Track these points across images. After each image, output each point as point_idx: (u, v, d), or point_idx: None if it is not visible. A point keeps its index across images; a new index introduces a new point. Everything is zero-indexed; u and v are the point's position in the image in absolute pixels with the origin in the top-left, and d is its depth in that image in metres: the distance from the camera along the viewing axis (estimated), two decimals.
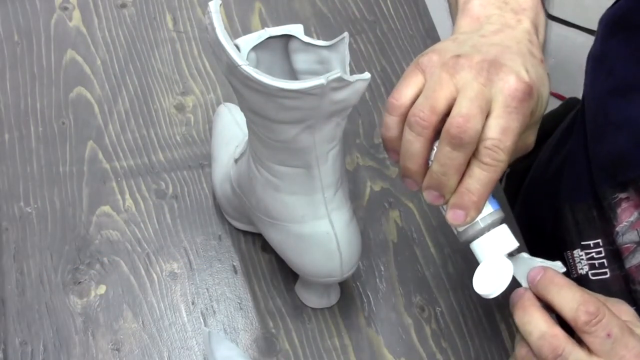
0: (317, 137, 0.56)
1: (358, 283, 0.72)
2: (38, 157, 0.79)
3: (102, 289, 0.71)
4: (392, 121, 0.57)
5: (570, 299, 0.54)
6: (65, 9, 0.89)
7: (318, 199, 0.60)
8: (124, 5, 0.90)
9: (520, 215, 0.82)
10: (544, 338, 0.54)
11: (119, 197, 0.77)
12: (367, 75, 0.53)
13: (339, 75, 0.51)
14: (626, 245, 0.68)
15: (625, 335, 0.53)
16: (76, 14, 0.89)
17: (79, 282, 0.72)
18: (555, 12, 1.63)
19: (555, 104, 1.73)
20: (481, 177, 0.54)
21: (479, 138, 0.54)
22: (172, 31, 0.89)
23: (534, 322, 0.55)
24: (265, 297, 0.71)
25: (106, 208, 0.76)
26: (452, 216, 0.56)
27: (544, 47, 0.62)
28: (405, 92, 0.56)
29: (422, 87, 0.56)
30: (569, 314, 0.54)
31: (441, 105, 0.54)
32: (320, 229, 0.61)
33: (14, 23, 0.88)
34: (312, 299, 0.70)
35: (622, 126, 0.65)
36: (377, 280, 0.72)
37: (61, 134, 0.80)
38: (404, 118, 0.56)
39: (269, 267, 0.73)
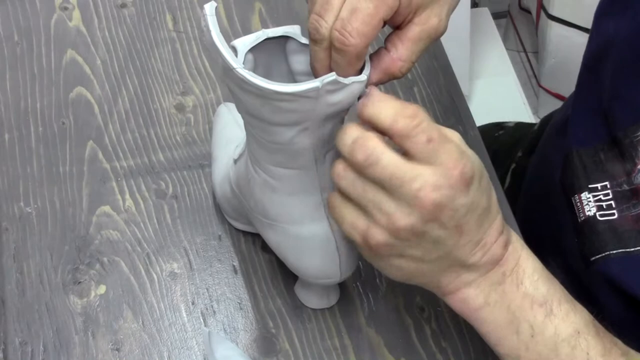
0: (314, 139, 0.56)
1: (358, 283, 0.72)
2: (38, 157, 0.79)
3: (102, 289, 0.71)
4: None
5: (389, 107, 0.52)
6: (65, 9, 0.89)
7: (316, 200, 0.60)
8: (124, 5, 0.90)
9: (531, 167, 0.83)
10: (355, 142, 0.52)
11: (119, 197, 0.77)
12: (363, 77, 0.53)
13: (334, 77, 0.51)
14: None
15: (445, 141, 0.52)
16: (76, 14, 0.89)
17: (79, 282, 0.72)
18: (555, 12, 1.62)
19: (556, 104, 1.73)
20: (338, 61, 0.54)
21: None
22: (172, 31, 0.89)
23: (348, 131, 0.54)
24: (265, 297, 0.71)
25: (106, 208, 0.76)
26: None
27: None
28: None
29: None
30: (387, 122, 0.52)
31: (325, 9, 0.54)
32: (319, 231, 0.61)
33: (14, 23, 0.88)
34: (312, 300, 0.70)
35: None
36: (377, 280, 0.72)
37: (61, 134, 0.80)
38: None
39: (269, 267, 0.73)
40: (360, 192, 0.54)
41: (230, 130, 0.74)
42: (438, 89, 0.84)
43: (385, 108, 0.52)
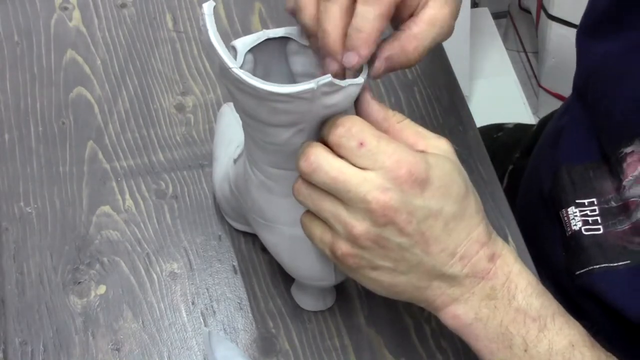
0: (310, 141, 0.56)
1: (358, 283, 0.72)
2: (38, 157, 0.79)
3: (102, 289, 0.71)
4: (308, 1, 0.55)
5: (327, 121, 0.54)
6: (65, 9, 0.89)
7: None
8: (124, 5, 0.90)
9: (524, 177, 0.85)
10: (301, 152, 0.54)
11: (119, 197, 0.77)
12: (360, 79, 0.53)
13: (329, 79, 0.51)
14: (633, 199, 0.68)
15: (382, 144, 0.52)
16: (76, 14, 0.89)
17: (79, 282, 0.72)
18: (555, 12, 1.62)
19: (556, 104, 1.74)
20: (366, 14, 0.53)
21: None
22: (172, 31, 0.89)
23: (300, 147, 0.55)
24: (265, 297, 0.71)
25: (106, 208, 0.76)
26: (346, 59, 0.54)
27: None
28: None
29: None
30: (324, 134, 0.53)
31: None
32: None
33: (14, 23, 0.88)
34: (307, 302, 0.70)
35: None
36: None
37: (61, 134, 0.80)
38: None
39: (269, 267, 0.73)
40: (317, 204, 0.54)
41: (232, 131, 0.74)
42: (438, 89, 0.84)
43: (326, 122, 0.54)
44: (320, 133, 0.54)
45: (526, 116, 1.70)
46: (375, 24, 0.53)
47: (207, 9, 0.53)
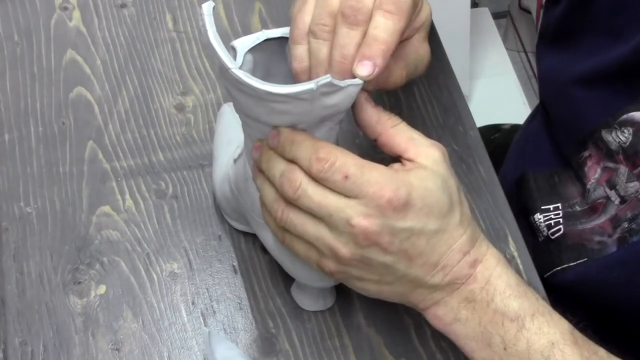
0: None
1: None
2: (38, 157, 0.79)
3: (102, 289, 0.71)
4: (302, 49, 0.55)
5: (304, 151, 0.54)
6: (65, 9, 0.89)
7: None
8: (124, 5, 0.90)
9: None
10: (283, 175, 0.55)
11: (119, 197, 0.77)
12: (358, 80, 0.53)
13: (329, 80, 0.51)
14: (599, 201, 0.71)
15: (365, 173, 0.53)
16: (76, 14, 0.89)
17: (79, 282, 0.72)
18: None
19: None
20: (388, 27, 0.53)
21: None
22: (172, 31, 0.89)
23: (276, 165, 0.55)
24: (265, 297, 0.71)
25: (106, 208, 0.76)
26: (360, 69, 0.53)
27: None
28: (304, 18, 0.56)
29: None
30: (305, 166, 0.54)
31: (335, 6, 0.54)
32: None
33: (14, 23, 0.88)
34: (307, 302, 0.70)
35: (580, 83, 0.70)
36: None
37: (61, 134, 0.80)
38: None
39: (269, 267, 0.73)
40: (301, 228, 0.56)
41: (232, 131, 0.74)
42: (438, 89, 0.84)
43: (300, 151, 0.54)
44: (296, 154, 0.54)
45: (526, 116, 1.70)
46: (394, 38, 0.53)
47: (207, 9, 0.53)
